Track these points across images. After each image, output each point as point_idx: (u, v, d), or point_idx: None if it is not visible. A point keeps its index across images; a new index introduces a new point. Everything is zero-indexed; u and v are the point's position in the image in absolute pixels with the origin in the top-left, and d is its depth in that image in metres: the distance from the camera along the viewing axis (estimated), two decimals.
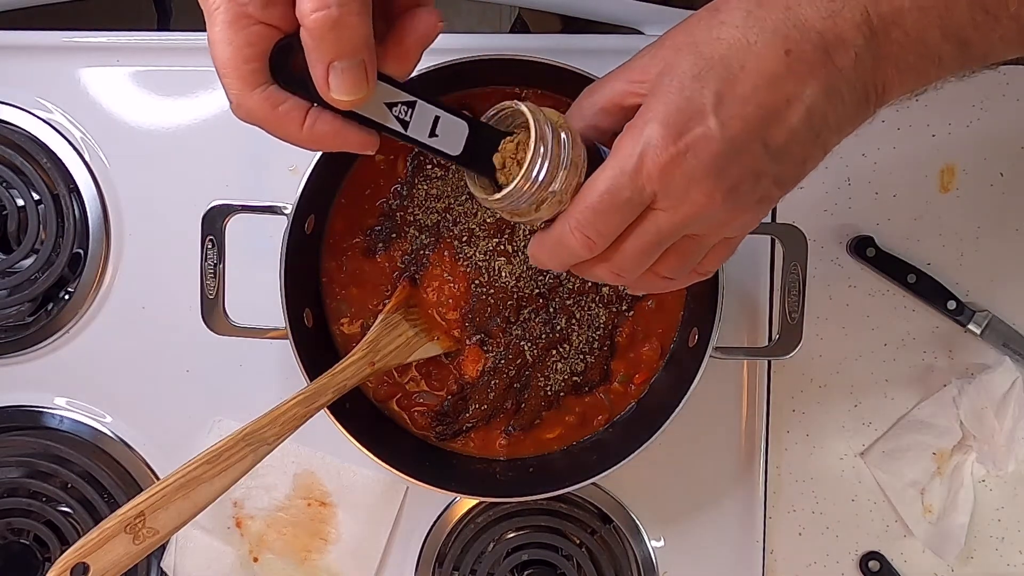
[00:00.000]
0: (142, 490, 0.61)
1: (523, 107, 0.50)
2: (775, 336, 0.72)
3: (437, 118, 0.49)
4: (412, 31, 0.47)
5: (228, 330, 0.72)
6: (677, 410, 0.68)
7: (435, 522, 0.84)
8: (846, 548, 0.85)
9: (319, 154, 0.68)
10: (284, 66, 0.44)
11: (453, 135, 0.50)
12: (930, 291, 0.82)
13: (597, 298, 0.76)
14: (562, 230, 0.50)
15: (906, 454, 0.83)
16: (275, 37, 0.44)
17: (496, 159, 0.51)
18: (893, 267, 0.82)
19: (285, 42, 0.44)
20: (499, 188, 0.51)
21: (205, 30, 0.62)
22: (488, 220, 0.75)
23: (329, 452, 0.83)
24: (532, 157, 0.48)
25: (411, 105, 0.48)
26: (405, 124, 0.49)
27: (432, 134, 0.50)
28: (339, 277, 0.76)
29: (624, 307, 0.76)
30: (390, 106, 0.48)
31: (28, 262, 0.81)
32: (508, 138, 0.52)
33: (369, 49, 0.44)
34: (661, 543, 0.84)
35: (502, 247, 0.75)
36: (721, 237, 0.52)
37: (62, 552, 0.63)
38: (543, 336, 0.75)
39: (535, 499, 0.77)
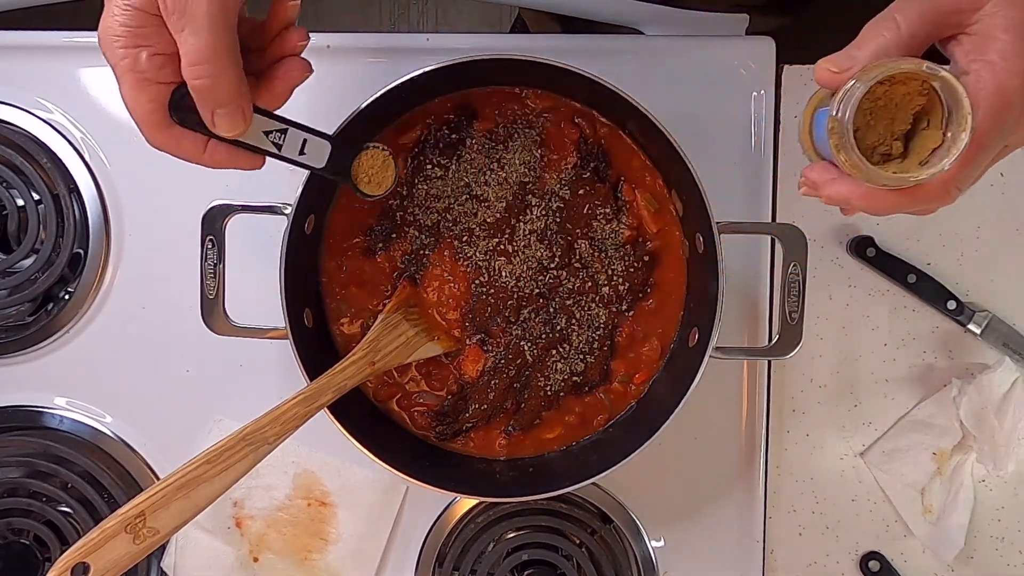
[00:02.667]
0: (142, 490, 0.61)
1: (953, 81, 0.49)
2: (775, 336, 0.72)
3: (305, 140, 0.62)
4: (282, 78, 0.59)
5: (228, 330, 0.72)
6: (677, 410, 0.68)
7: (435, 522, 0.84)
8: (846, 548, 0.85)
9: None
10: (181, 108, 0.56)
11: (318, 152, 0.63)
12: (930, 291, 0.82)
13: (597, 298, 0.76)
14: (943, 190, 0.51)
15: (906, 454, 0.83)
16: (171, 89, 0.56)
17: (360, 167, 0.65)
18: (893, 267, 0.82)
19: (179, 92, 0.56)
20: (362, 192, 0.65)
21: None
22: (488, 220, 0.75)
23: (329, 452, 0.83)
24: (961, 133, 0.49)
25: (283, 131, 0.61)
26: (279, 147, 0.61)
27: (301, 152, 0.62)
28: (339, 277, 0.76)
29: (624, 307, 0.76)
30: (267, 133, 0.60)
31: (28, 262, 0.81)
32: (367, 151, 0.64)
33: (242, 96, 0.56)
34: (661, 543, 0.84)
35: (502, 247, 0.75)
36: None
37: (62, 552, 0.63)
38: (543, 336, 0.75)
39: (535, 499, 0.77)
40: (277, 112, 0.61)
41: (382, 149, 0.65)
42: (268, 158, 0.62)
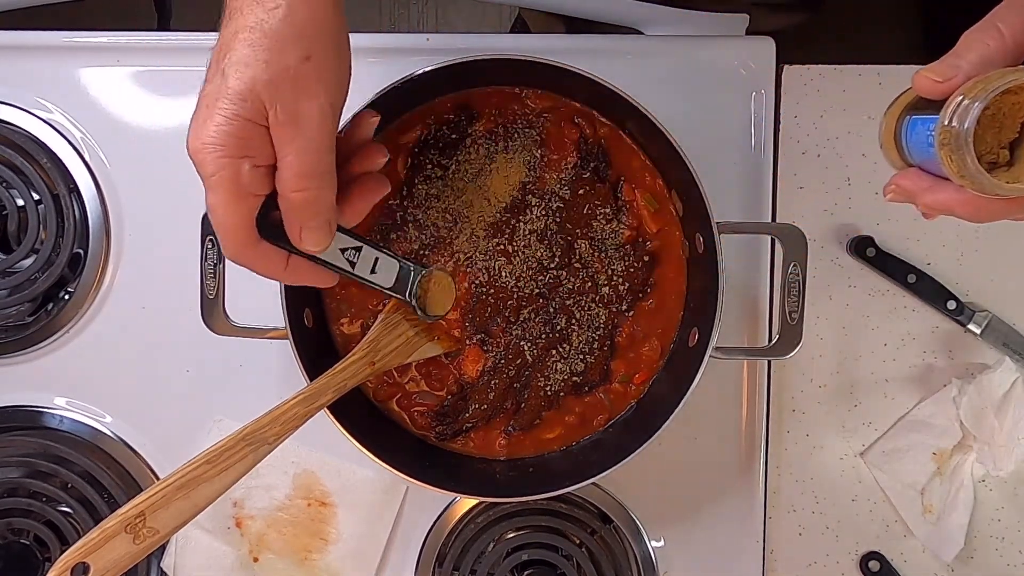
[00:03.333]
0: (142, 490, 0.61)
1: None
2: (775, 336, 0.72)
3: (377, 259, 0.64)
4: (361, 195, 0.59)
5: (228, 330, 0.72)
6: (677, 410, 0.68)
7: (435, 522, 0.84)
8: (846, 548, 0.85)
9: None
10: (265, 223, 0.55)
11: (388, 271, 0.65)
12: (930, 291, 0.82)
13: (597, 298, 0.76)
14: None
15: (906, 454, 0.83)
16: (260, 201, 0.54)
17: (425, 288, 0.67)
18: (893, 267, 0.82)
19: (265, 203, 0.55)
20: (425, 313, 0.68)
21: (205, 30, 0.64)
22: (488, 220, 0.75)
23: (329, 452, 0.83)
24: None
25: (358, 249, 0.62)
26: (353, 264, 0.62)
27: (373, 271, 0.64)
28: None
29: (624, 307, 0.76)
30: (343, 250, 0.61)
31: (28, 262, 0.81)
32: (431, 274, 0.67)
33: (332, 212, 0.56)
34: (661, 543, 0.84)
35: (502, 247, 0.75)
36: None
37: (62, 552, 0.63)
38: (543, 336, 0.75)
39: (535, 499, 0.77)
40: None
41: (446, 273, 0.69)
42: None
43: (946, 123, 0.49)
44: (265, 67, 0.51)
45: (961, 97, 0.48)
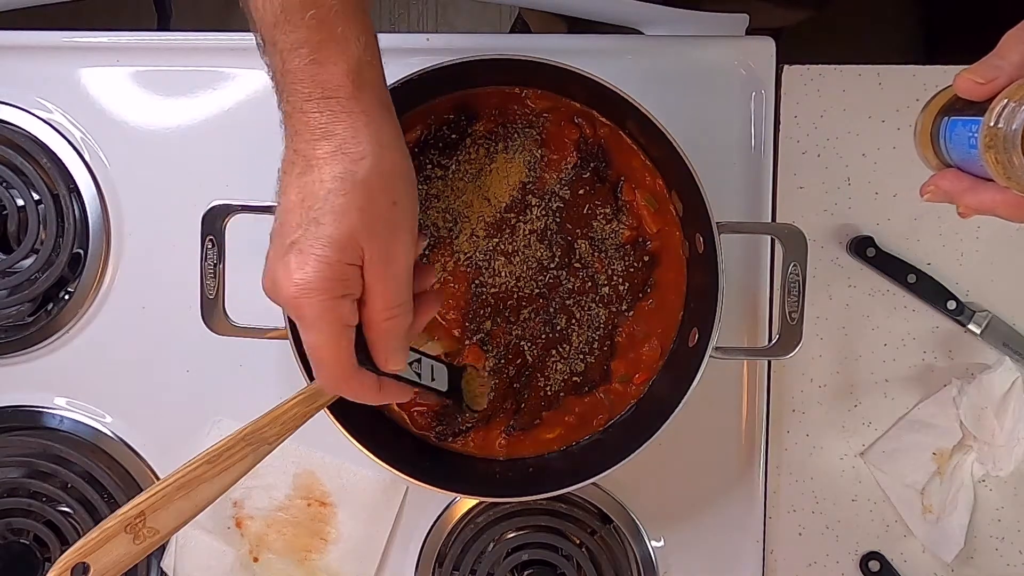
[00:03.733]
0: (142, 490, 0.61)
1: None
2: (775, 336, 0.72)
3: (432, 367, 0.68)
4: (423, 312, 0.62)
5: (228, 330, 0.72)
6: (677, 410, 0.68)
7: (435, 522, 0.84)
8: (846, 548, 0.85)
9: None
10: (357, 351, 0.57)
11: (440, 376, 0.69)
12: (930, 291, 0.82)
13: (597, 298, 0.76)
14: None
15: (906, 454, 0.83)
16: (354, 334, 0.57)
17: (467, 386, 0.73)
18: (893, 267, 0.82)
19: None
20: (472, 410, 0.74)
21: (205, 30, 0.64)
22: (488, 220, 0.75)
23: (329, 452, 0.83)
24: None
25: (418, 361, 0.66)
26: (419, 375, 0.66)
27: (432, 379, 0.68)
28: None
29: (624, 307, 0.76)
30: (410, 363, 0.65)
31: (28, 262, 0.81)
32: (467, 372, 0.73)
33: (410, 334, 0.59)
34: (661, 543, 0.84)
35: (502, 247, 0.75)
36: None
37: (62, 552, 0.63)
38: (543, 336, 0.75)
39: (535, 499, 0.77)
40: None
41: (479, 370, 0.75)
42: None
43: (992, 124, 0.49)
44: (360, 215, 0.53)
45: (1007, 100, 0.48)
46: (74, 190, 0.82)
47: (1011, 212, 0.52)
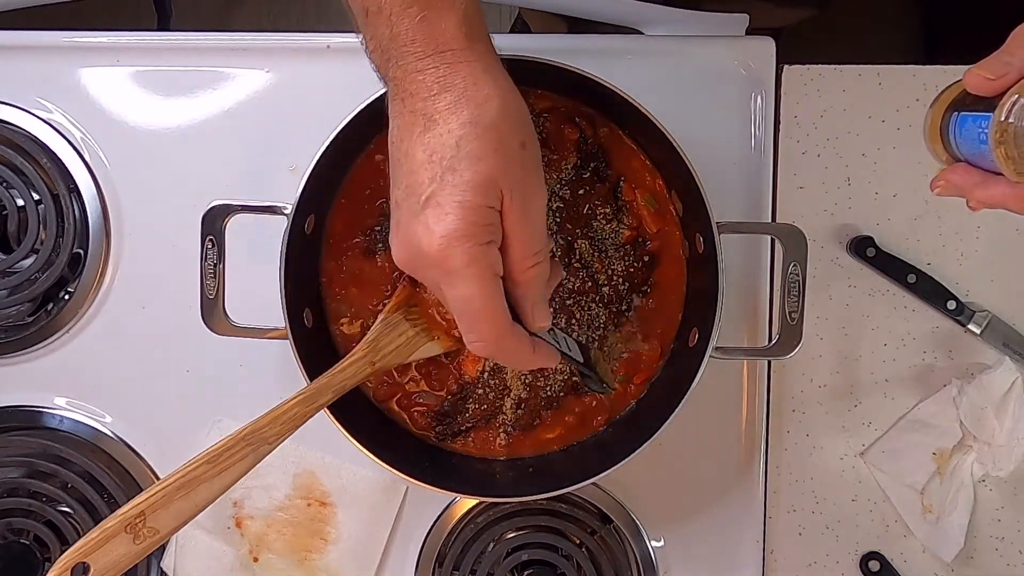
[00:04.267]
0: (142, 490, 0.61)
1: None
2: (775, 336, 0.72)
3: (564, 337, 0.67)
4: (554, 273, 0.62)
5: (228, 330, 0.72)
6: (677, 410, 0.68)
7: (435, 522, 0.84)
8: (846, 548, 0.85)
9: (320, 154, 0.68)
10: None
11: (573, 348, 0.67)
12: (930, 291, 0.82)
13: (597, 298, 0.76)
14: None
15: (906, 454, 0.83)
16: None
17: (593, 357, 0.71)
18: (893, 267, 0.82)
19: None
20: (607, 387, 0.73)
21: (205, 30, 0.64)
22: None
23: (329, 452, 0.83)
24: None
25: (552, 331, 0.64)
26: (557, 344, 0.64)
27: (568, 348, 0.66)
28: (339, 277, 0.76)
29: (624, 307, 0.76)
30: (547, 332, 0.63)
31: (28, 262, 0.81)
32: (593, 350, 0.72)
33: (549, 287, 0.59)
34: (661, 543, 0.84)
35: None
36: None
37: (62, 552, 0.63)
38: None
39: (535, 499, 0.77)
40: None
41: (602, 349, 0.75)
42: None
43: (1002, 119, 0.49)
44: (496, 156, 0.52)
45: (1017, 95, 0.49)
46: (74, 190, 0.82)
47: (1021, 205, 0.53)
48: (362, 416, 0.75)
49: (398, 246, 0.55)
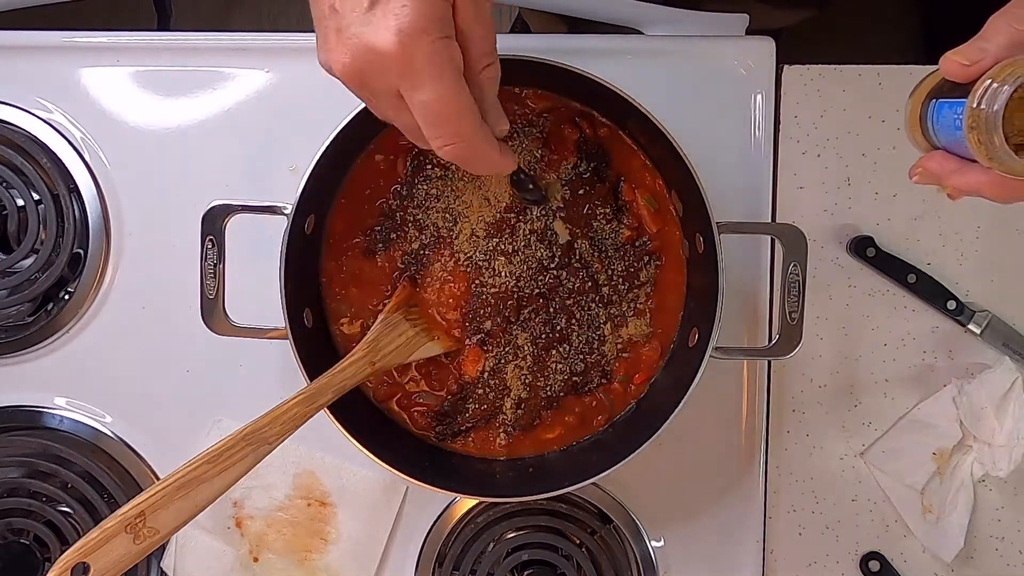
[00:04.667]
0: (142, 490, 0.61)
1: None
2: (775, 336, 0.72)
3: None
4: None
5: (228, 330, 0.72)
6: (677, 410, 0.68)
7: (435, 522, 0.84)
8: (846, 548, 0.85)
9: (320, 154, 0.68)
10: None
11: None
12: (930, 291, 0.82)
13: (597, 298, 0.76)
14: None
15: (906, 454, 0.83)
16: None
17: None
18: (893, 267, 0.82)
19: None
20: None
21: (205, 30, 0.63)
22: (488, 220, 0.75)
23: (329, 452, 0.83)
24: None
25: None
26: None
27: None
28: (339, 277, 0.76)
29: (624, 307, 0.76)
30: None
31: (28, 262, 0.81)
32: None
33: None
34: (661, 543, 0.84)
35: (502, 247, 0.75)
36: None
37: (62, 552, 0.63)
38: (543, 336, 0.75)
39: (535, 499, 0.77)
40: None
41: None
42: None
43: (975, 106, 0.49)
44: None
45: (990, 80, 0.49)
46: (74, 190, 0.82)
47: (996, 192, 0.53)
48: (362, 416, 0.75)
49: (341, 54, 0.50)
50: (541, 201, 0.74)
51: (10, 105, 0.82)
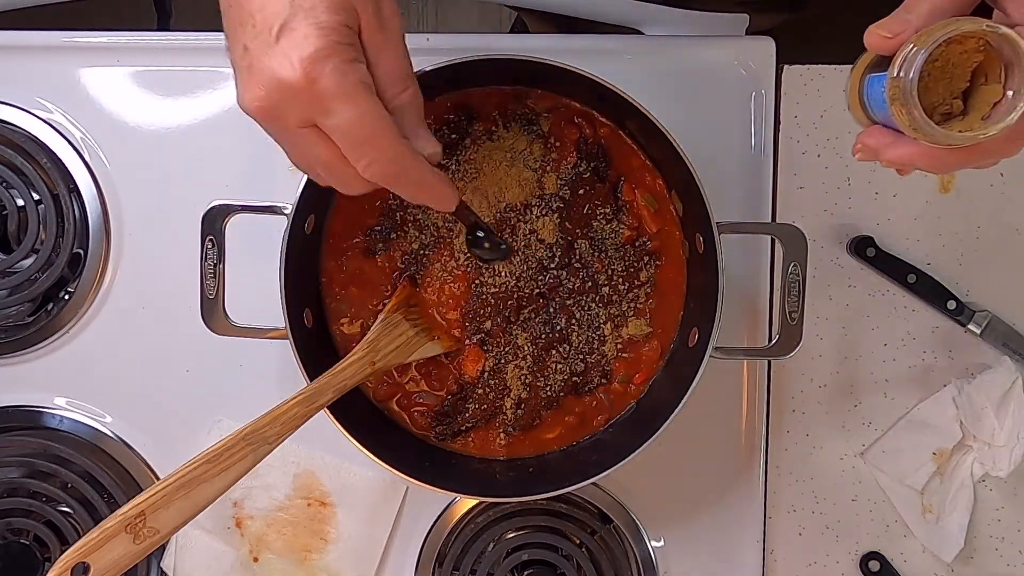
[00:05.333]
0: (142, 490, 0.61)
1: (1014, 36, 0.48)
2: (775, 336, 0.72)
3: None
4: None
5: (228, 330, 0.72)
6: (677, 410, 0.68)
7: (435, 522, 0.84)
8: (846, 548, 0.85)
9: None
10: None
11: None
12: (930, 291, 0.82)
13: (597, 298, 0.76)
14: (1007, 143, 0.51)
15: (906, 454, 0.83)
16: None
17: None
18: (893, 267, 0.82)
19: None
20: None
21: (205, 30, 0.63)
22: (488, 220, 0.75)
23: (329, 452, 0.83)
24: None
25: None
26: None
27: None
28: (339, 277, 0.76)
29: (624, 307, 0.76)
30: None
31: (28, 262, 0.81)
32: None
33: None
34: (661, 543, 0.84)
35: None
36: None
37: (62, 552, 0.63)
38: (543, 336, 0.75)
39: (535, 499, 0.77)
40: None
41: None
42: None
43: (894, 75, 0.49)
44: None
45: (911, 46, 0.49)
46: (74, 190, 0.82)
47: (929, 163, 0.52)
48: (362, 416, 0.75)
49: (254, 88, 0.50)
50: (505, 256, 0.73)
51: (10, 105, 0.82)
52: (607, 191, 0.76)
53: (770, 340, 0.82)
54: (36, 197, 0.81)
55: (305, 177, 0.68)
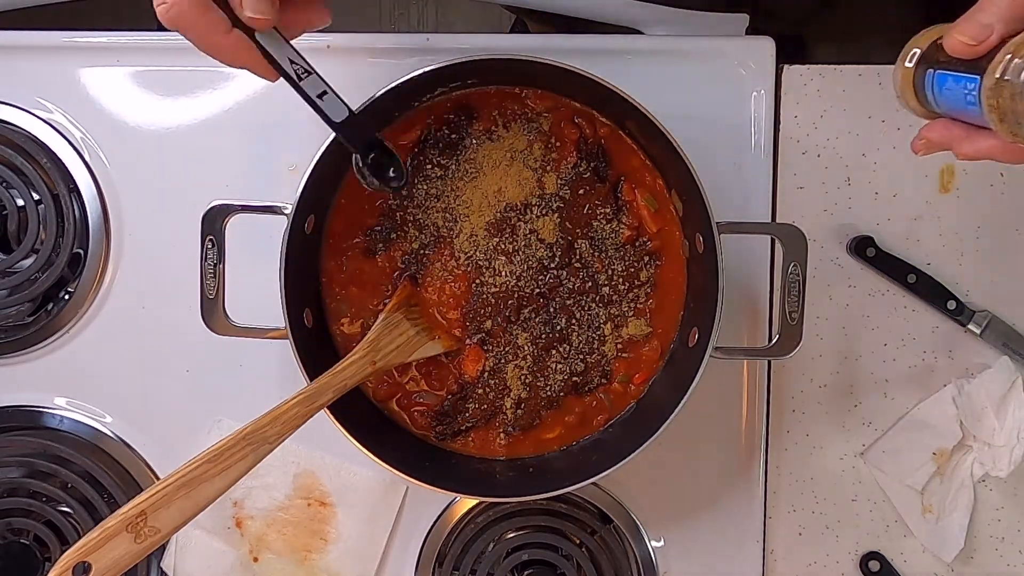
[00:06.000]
0: (142, 490, 0.61)
1: None
2: (775, 336, 0.72)
3: (325, 92, 0.61)
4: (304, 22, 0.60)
5: (228, 330, 0.72)
6: (677, 410, 0.68)
7: (435, 522, 0.84)
8: (846, 548, 0.85)
9: (320, 154, 0.68)
10: None
11: (335, 109, 0.62)
12: (930, 291, 0.82)
13: (597, 298, 0.76)
14: None
15: (906, 454, 0.83)
16: None
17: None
18: (893, 267, 0.82)
19: None
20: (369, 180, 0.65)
21: None
22: (488, 219, 0.75)
23: (329, 452, 0.83)
24: None
25: (308, 72, 0.60)
26: (300, 78, 0.60)
27: (320, 97, 0.61)
28: (339, 277, 0.76)
29: (624, 307, 0.76)
30: (292, 62, 0.59)
31: (28, 262, 0.81)
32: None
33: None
34: (661, 543, 0.84)
35: (502, 246, 0.75)
36: None
37: (62, 552, 0.63)
38: (543, 336, 0.75)
39: (535, 499, 0.77)
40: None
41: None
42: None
43: (999, 76, 0.50)
44: None
45: (1010, 56, 0.49)
46: (74, 190, 0.82)
47: (1009, 156, 0.54)
48: (362, 416, 0.75)
49: None
50: (400, 180, 0.67)
51: (10, 105, 0.82)
52: (607, 191, 0.76)
53: (770, 340, 0.82)
54: (36, 197, 0.81)
55: (305, 177, 0.68)
